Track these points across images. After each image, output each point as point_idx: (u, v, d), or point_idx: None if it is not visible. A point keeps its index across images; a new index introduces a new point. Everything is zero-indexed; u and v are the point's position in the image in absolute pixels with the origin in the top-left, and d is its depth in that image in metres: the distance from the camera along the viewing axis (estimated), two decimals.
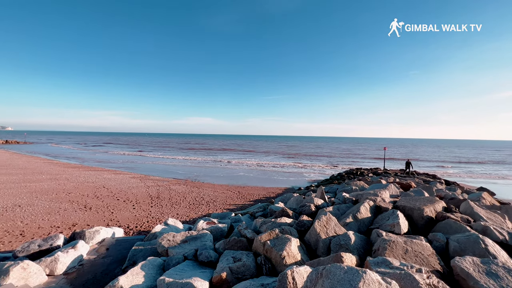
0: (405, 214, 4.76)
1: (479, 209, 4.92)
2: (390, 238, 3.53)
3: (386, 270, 2.70)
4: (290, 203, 7.34)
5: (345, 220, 4.74)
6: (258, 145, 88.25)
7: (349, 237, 3.86)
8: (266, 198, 14.19)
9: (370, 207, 5.07)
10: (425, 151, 73.30)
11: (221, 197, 14.27)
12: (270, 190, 16.93)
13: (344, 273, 2.29)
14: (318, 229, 4.17)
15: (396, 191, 7.46)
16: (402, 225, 4.19)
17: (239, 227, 4.88)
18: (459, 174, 27.37)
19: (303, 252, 3.95)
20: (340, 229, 4.25)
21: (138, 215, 10.33)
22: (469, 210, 4.93)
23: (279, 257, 3.60)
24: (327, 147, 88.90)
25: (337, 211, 5.46)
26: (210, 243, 4.68)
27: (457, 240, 3.61)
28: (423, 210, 4.65)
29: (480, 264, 2.94)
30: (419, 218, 4.64)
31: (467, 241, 3.52)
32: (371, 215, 4.94)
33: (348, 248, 3.73)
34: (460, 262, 2.95)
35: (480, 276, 2.78)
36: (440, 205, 5.00)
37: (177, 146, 75.17)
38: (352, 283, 2.18)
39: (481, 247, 3.38)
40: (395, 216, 4.41)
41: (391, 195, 6.99)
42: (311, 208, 5.72)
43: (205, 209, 11.69)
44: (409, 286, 2.46)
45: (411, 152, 65.06)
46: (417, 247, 3.40)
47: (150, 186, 16.73)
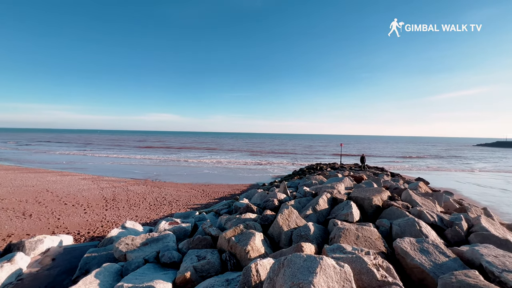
0: (357, 204, 5.26)
1: (416, 196, 5.69)
2: (344, 227, 3.87)
3: (340, 255, 2.97)
4: (254, 199, 7.50)
5: (306, 212, 5.04)
6: (222, 143, 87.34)
7: (309, 228, 4.12)
8: (231, 195, 14.21)
9: (327, 199, 5.47)
10: (376, 147, 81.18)
11: (184, 196, 13.84)
12: (235, 187, 16.98)
13: (304, 261, 2.46)
14: (280, 222, 4.36)
15: (350, 183, 8.16)
16: (355, 214, 4.62)
17: (204, 225, 4.83)
18: (402, 166, 31.02)
19: (267, 245, 4.10)
20: (301, 221, 4.51)
21: (91, 219, 9.44)
22: (408, 198, 5.67)
23: (243, 252, 3.67)
24: (291, 144, 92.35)
25: (298, 204, 5.77)
26: (173, 243, 4.54)
27: (398, 224, 4.13)
28: (372, 200, 5.19)
29: (415, 243, 3.42)
30: (368, 207, 5.17)
31: (406, 225, 4.05)
32: (328, 206, 5.33)
33: (308, 238, 3.99)
34: (400, 243, 3.39)
35: (415, 254, 3.24)
36: (385, 195, 5.64)
37: (133, 144, 70.07)
38: (311, 269, 2.36)
39: (416, 229, 3.93)
40: (348, 206, 4.84)
41: (346, 187, 7.62)
42: (274, 203, 5.93)
43: (167, 209, 11.22)
44: (359, 267, 2.75)
45: (364, 148, 71.36)
46: (366, 233, 3.80)
47: (104, 187, 15.37)
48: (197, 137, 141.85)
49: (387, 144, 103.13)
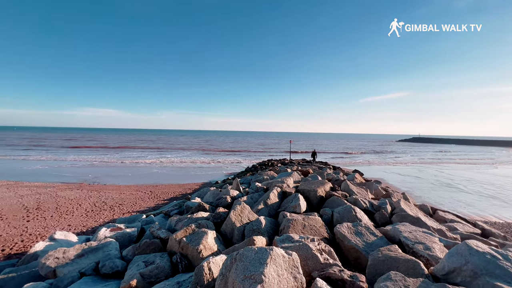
0: (304, 196, 5.68)
1: (353, 186, 6.46)
2: (292, 218, 4.15)
3: (289, 245, 3.18)
4: (207, 197, 7.37)
5: (257, 207, 5.21)
6: (172, 141, 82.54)
7: (261, 221, 4.28)
8: (182, 195, 13.65)
9: (278, 193, 5.75)
10: (322, 143, 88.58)
11: (129, 199, 12.68)
12: (187, 187, 16.36)
13: (255, 254, 2.55)
14: (233, 218, 4.41)
15: (298, 177, 8.74)
16: (302, 206, 4.99)
17: (152, 229, 4.54)
18: (343, 162, 34.65)
19: (220, 242, 4.10)
20: (253, 215, 4.64)
21: (6, 234, 7.84)
22: (346, 188, 6.40)
23: (195, 252, 3.59)
24: (244, 141, 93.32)
25: (251, 200, 5.91)
26: (116, 251, 4.14)
27: (338, 212, 4.63)
28: (317, 191, 5.68)
29: (351, 227, 3.89)
30: (314, 198, 5.64)
31: (344, 211, 4.57)
32: (278, 200, 5.62)
33: (260, 232, 4.13)
34: (339, 228, 3.81)
35: (351, 236, 3.69)
36: (328, 186, 6.24)
37: (61, 143, 60.44)
38: (262, 261, 2.46)
39: (353, 215, 4.47)
40: (296, 198, 5.19)
41: (294, 181, 8.14)
42: (227, 200, 5.94)
43: (109, 215, 10.12)
44: (305, 254, 2.99)
45: (312, 145, 77.01)
46: (312, 222, 4.14)
47: (25, 195, 12.92)
48: (143, 135, 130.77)
49: (331, 141, 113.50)
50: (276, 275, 2.41)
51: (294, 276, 2.53)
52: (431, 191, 16.09)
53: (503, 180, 20.52)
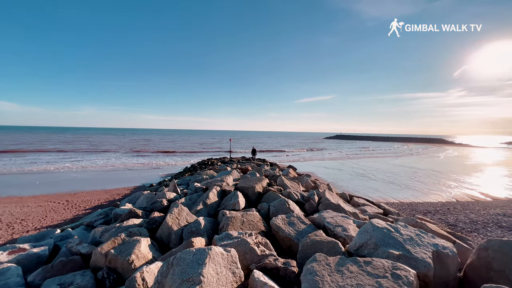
0: (243, 193, 5.86)
1: (287, 180, 7.03)
2: (231, 215, 4.24)
3: (228, 242, 3.25)
4: (140, 202, 6.75)
5: (196, 208, 5.10)
6: (96, 140, 71.53)
7: (200, 222, 4.22)
8: (110, 202, 12.06)
9: (217, 192, 5.76)
10: (262, 141, 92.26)
11: (36, 213, 10.43)
12: (115, 192, 14.52)
13: (193, 256, 2.52)
14: (170, 222, 4.20)
15: (238, 175, 8.94)
16: (241, 203, 5.14)
17: (69, 244, 3.89)
18: (281, 160, 37.06)
19: (155, 249, 3.85)
20: (191, 217, 4.52)
21: None
22: (281, 182, 6.92)
23: (126, 263, 3.28)
24: (183, 140, 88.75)
25: (189, 201, 5.74)
26: (18, 278, 3.38)
27: (274, 206, 4.97)
28: (255, 188, 5.95)
29: (285, 218, 4.25)
30: (252, 194, 5.88)
31: (279, 204, 4.94)
32: (218, 199, 5.63)
33: (199, 233, 4.07)
34: (274, 221, 4.10)
35: (285, 227, 4.02)
36: (265, 182, 6.61)
37: None
38: (200, 261, 2.45)
39: (286, 207, 4.88)
40: (235, 196, 5.32)
41: (234, 179, 8.28)
42: (163, 204, 5.60)
43: (5, 234, 8.09)
44: (244, 248, 3.12)
45: (252, 143, 79.33)
46: (250, 217, 4.33)
47: None
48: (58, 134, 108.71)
49: (270, 138, 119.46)
50: (215, 274, 2.45)
51: (233, 272, 2.62)
52: (350, 181, 18.91)
53: (399, 169, 25.81)
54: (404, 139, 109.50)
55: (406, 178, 20.27)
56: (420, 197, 13.83)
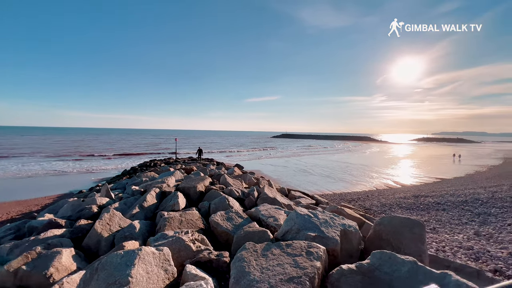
0: (184, 193, 5.82)
1: (229, 178, 7.25)
2: (169, 216, 4.21)
3: (163, 242, 3.26)
4: (63, 211, 5.97)
5: (132, 212, 4.85)
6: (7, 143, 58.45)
7: (134, 226, 4.05)
8: (24, 215, 10.20)
9: (156, 194, 5.57)
10: (213, 140, 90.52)
11: None
12: (32, 203, 12.32)
13: (121, 258, 2.47)
14: (99, 229, 3.91)
15: (181, 176, 8.73)
16: (181, 203, 5.11)
17: None
18: (231, 157, 37.16)
19: (81, 259, 3.55)
20: (125, 222, 4.30)
21: None
22: (224, 181, 7.10)
23: (43, 278, 2.96)
24: (120, 140, 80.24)
25: (124, 206, 5.39)
26: None
27: (214, 203, 5.12)
28: (196, 187, 5.97)
29: (224, 214, 4.43)
30: (194, 194, 5.89)
31: (219, 202, 5.11)
32: (157, 201, 5.46)
33: (134, 237, 3.92)
34: (213, 217, 4.25)
35: (223, 222, 4.21)
36: (207, 181, 6.69)
37: None
38: (129, 263, 2.43)
39: (226, 204, 5.07)
40: (175, 197, 5.25)
41: (177, 180, 8.08)
42: (92, 210, 5.12)
43: None
44: (179, 246, 3.18)
45: (200, 142, 77.16)
46: (189, 216, 4.37)
47: None
48: None
49: (222, 138, 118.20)
50: (145, 273, 2.46)
51: (165, 269, 2.67)
52: (293, 176, 20.41)
53: (335, 164, 29.02)
54: (342, 137, 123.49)
55: (339, 172, 22.99)
56: (349, 188, 15.94)
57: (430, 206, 7.82)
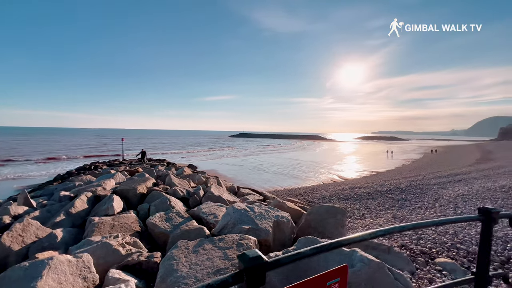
0: (122, 196, 5.42)
1: (175, 178, 7.02)
2: (99, 221, 3.88)
3: (86, 248, 3.00)
4: None
5: (55, 219, 4.32)
6: None
7: (55, 235, 3.63)
8: None
9: (87, 198, 5.07)
10: (167, 140, 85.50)
11: None
12: None
13: (25, 271, 2.20)
14: (7, 242, 3.39)
15: (123, 178, 8.10)
16: (116, 206, 4.76)
17: None
18: (188, 158, 35.80)
19: None
20: (44, 231, 3.81)
21: None
22: (169, 181, 6.84)
23: None
24: (56, 140, 69.93)
25: (47, 213, 4.77)
26: None
27: (155, 204, 4.90)
28: (137, 189, 5.63)
29: (163, 215, 4.29)
30: (133, 196, 5.54)
31: (160, 203, 4.92)
32: (88, 206, 4.97)
33: (54, 247, 3.51)
34: (151, 219, 4.08)
35: (161, 223, 4.07)
36: (151, 182, 6.36)
37: None
38: (35, 275, 2.18)
39: (167, 204, 4.91)
40: (110, 200, 4.86)
41: (117, 182, 7.46)
42: (4, 222, 4.39)
43: None
44: (105, 251, 2.97)
45: (153, 142, 72.28)
46: (123, 220, 4.10)
47: None
48: None
49: (178, 138, 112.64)
50: (57, 284, 2.25)
51: (84, 277, 2.48)
52: (248, 175, 20.73)
53: (288, 161, 30.44)
54: (298, 137, 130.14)
55: (292, 169, 24.21)
56: (300, 184, 16.92)
57: (362, 196, 8.87)
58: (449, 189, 9.20)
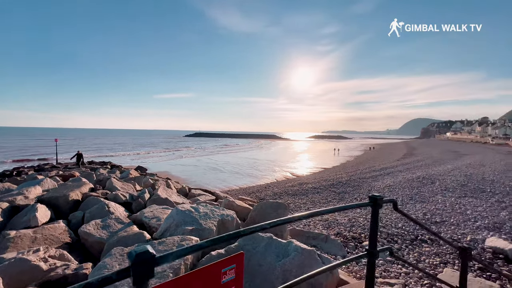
0: (50, 205, 4.79)
1: (117, 182, 6.49)
2: (16, 235, 3.38)
3: None
4: None
5: None
6: None
7: None
8: None
9: (1, 210, 4.33)
10: (117, 140, 77.34)
11: None
12: None
13: None
14: None
15: (53, 184, 7.11)
16: (40, 217, 4.18)
17: None
18: (134, 159, 33.05)
19: None
20: None
21: None
22: (110, 185, 6.29)
23: None
24: None
25: None
26: None
27: (90, 212, 4.47)
28: (69, 196, 5.03)
29: (99, 223, 3.94)
30: (65, 204, 4.94)
31: (97, 209, 4.51)
32: (3, 218, 4.26)
33: None
34: (84, 228, 3.71)
35: (97, 231, 3.74)
36: (87, 187, 5.76)
37: None
38: None
39: (105, 211, 4.53)
40: (34, 210, 4.25)
41: (45, 189, 6.52)
42: None
43: None
44: (20, 268, 2.62)
45: (94, 143, 64.75)
46: (48, 231, 3.65)
47: None
48: None
49: (131, 137, 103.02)
50: None
51: None
52: (203, 175, 20.29)
53: (245, 160, 30.79)
54: (255, 136, 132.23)
55: (248, 168, 24.58)
56: (255, 182, 17.30)
57: (309, 191, 9.60)
58: (380, 181, 10.62)
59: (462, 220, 5.83)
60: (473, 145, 41.24)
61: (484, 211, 6.44)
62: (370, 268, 1.65)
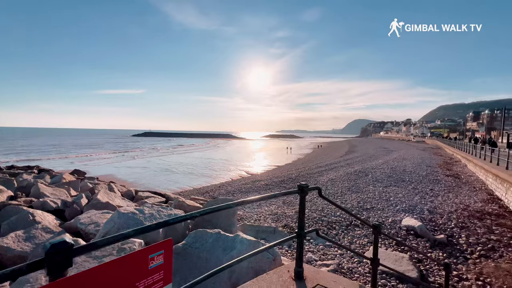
0: None
1: (46, 188, 5.70)
2: None
3: None
4: None
5: None
6: None
7: None
8: None
9: None
10: (52, 141, 66.14)
11: None
12: None
13: None
14: None
15: None
16: None
17: None
18: (73, 163, 29.02)
19: None
20: None
21: None
22: (37, 192, 5.49)
23: None
24: None
25: None
26: None
27: (9, 223, 3.85)
28: None
29: (21, 234, 3.44)
30: None
31: (19, 219, 3.91)
32: None
33: None
34: (1, 241, 3.20)
35: (17, 244, 3.26)
36: (5, 196, 4.92)
37: None
38: None
39: (30, 220, 3.95)
40: None
41: None
42: None
43: None
44: None
45: (21, 144, 54.59)
46: None
47: None
48: None
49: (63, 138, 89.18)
50: None
51: None
52: (153, 177, 19.09)
53: (199, 161, 30.00)
54: (212, 135, 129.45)
55: (202, 168, 24.06)
56: (209, 182, 17.05)
57: (261, 188, 9.99)
58: (325, 176, 11.68)
59: (386, 206, 6.89)
60: (400, 143, 48.43)
61: (403, 197, 7.72)
62: (299, 248, 1.90)
